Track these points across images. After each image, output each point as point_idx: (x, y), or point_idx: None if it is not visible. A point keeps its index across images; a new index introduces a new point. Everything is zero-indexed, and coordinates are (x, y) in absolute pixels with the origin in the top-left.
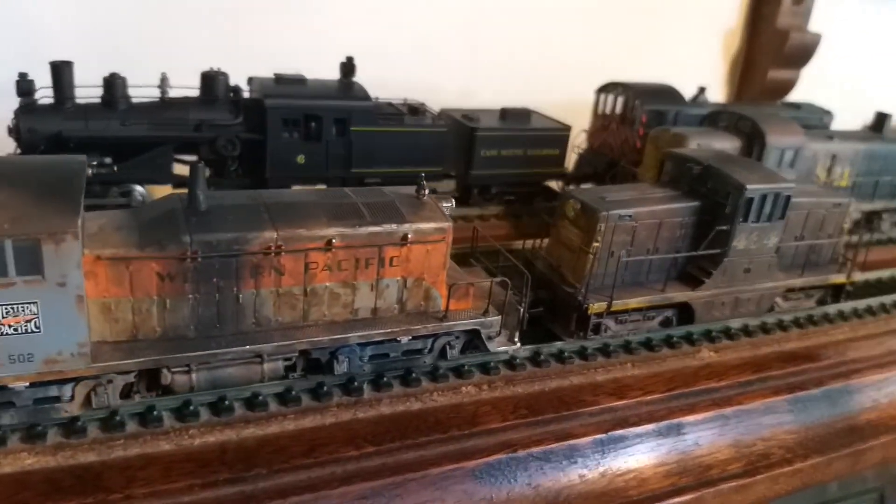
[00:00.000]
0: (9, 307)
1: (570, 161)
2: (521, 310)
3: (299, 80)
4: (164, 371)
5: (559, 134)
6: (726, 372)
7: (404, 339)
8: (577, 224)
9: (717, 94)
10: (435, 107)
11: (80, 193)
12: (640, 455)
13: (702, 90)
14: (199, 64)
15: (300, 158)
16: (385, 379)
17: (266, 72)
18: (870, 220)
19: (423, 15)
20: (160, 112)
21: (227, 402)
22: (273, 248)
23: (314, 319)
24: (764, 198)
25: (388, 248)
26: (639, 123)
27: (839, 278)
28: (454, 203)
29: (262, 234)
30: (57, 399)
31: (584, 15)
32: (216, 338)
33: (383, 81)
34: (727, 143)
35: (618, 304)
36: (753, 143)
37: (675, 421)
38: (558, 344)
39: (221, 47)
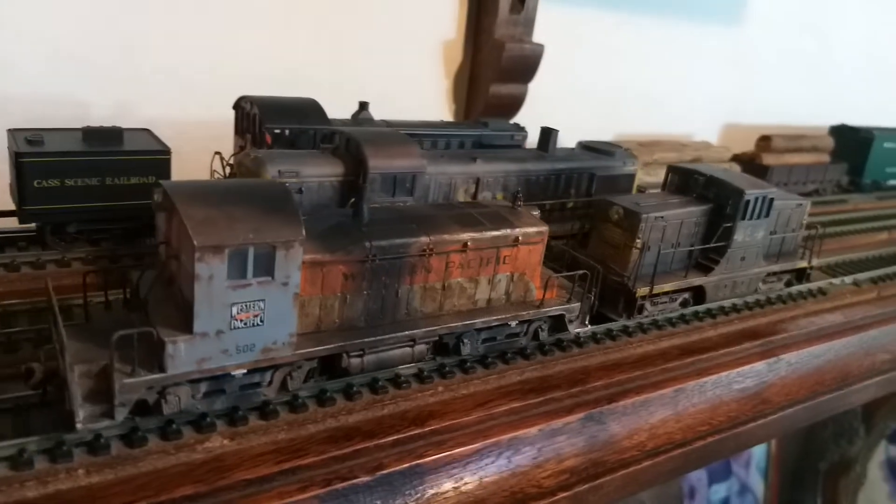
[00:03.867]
0: (243, 304)
1: None
2: (592, 298)
3: None
4: (344, 355)
5: (154, 158)
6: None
7: (513, 324)
8: (621, 225)
9: (443, 111)
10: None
11: (297, 209)
12: None
13: (363, 106)
14: None
15: None
16: None
17: None
18: None
19: (56, 14)
20: None
21: None
22: (427, 251)
23: (447, 309)
24: (757, 199)
25: (503, 249)
26: (265, 145)
27: (803, 263)
28: (540, 212)
29: (419, 240)
30: (258, 385)
31: (273, 20)
32: (380, 326)
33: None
34: (326, 169)
35: (657, 288)
36: (359, 167)
37: None
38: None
39: None
